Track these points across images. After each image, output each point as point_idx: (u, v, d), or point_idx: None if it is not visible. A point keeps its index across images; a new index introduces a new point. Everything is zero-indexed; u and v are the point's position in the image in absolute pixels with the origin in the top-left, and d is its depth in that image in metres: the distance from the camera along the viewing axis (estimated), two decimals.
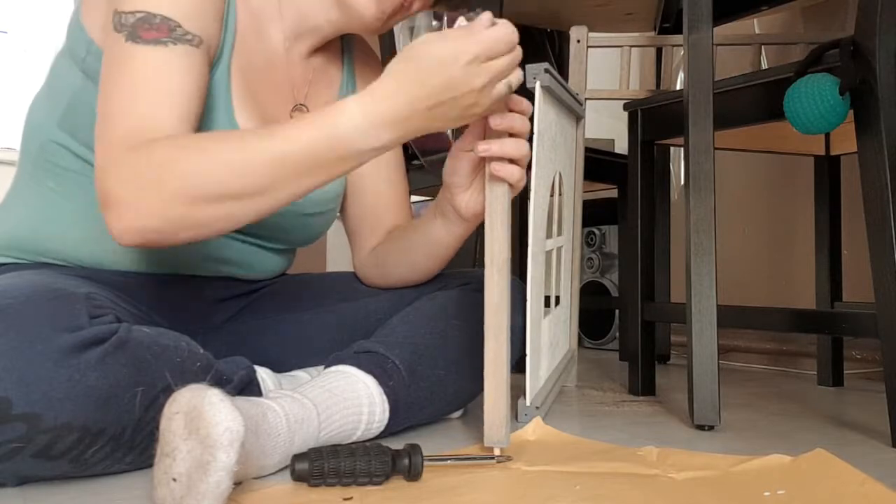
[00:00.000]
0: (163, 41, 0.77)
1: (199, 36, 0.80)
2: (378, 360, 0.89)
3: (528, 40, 1.94)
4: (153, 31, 0.77)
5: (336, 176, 0.77)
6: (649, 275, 1.37)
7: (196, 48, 0.80)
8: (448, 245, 0.98)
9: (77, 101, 0.88)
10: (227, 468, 0.58)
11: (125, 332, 0.71)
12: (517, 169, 0.83)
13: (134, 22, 0.77)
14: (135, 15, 0.77)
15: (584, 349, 2.24)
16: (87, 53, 0.87)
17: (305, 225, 1.02)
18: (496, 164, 0.82)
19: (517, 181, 0.83)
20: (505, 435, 0.82)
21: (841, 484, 0.71)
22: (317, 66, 1.01)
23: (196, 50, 0.80)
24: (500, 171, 0.82)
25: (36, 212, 0.92)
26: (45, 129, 0.91)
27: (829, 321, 1.14)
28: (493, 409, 0.82)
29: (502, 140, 0.82)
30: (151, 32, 0.77)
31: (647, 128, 1.36)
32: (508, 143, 0.81)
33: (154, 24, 0.77)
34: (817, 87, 1.03)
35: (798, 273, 1.85)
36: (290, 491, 0.69)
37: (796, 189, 1.86)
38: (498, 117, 0.81)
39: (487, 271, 0.83)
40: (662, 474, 0.76)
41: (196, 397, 0.61)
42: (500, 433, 0.82)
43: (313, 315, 1.06)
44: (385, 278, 1.07)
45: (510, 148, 0.81)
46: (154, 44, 0.77)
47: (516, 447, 0.86)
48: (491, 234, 0.84)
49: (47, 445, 0.66)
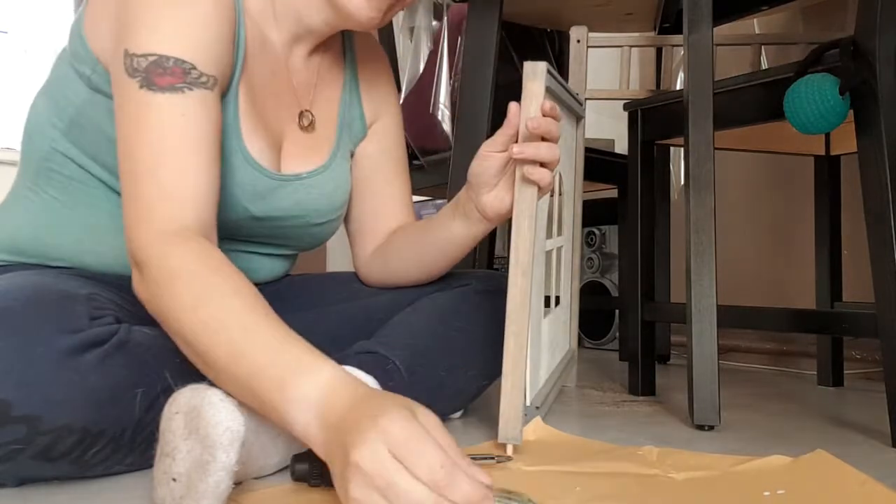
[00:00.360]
0: (178, 87, 0.75)
1: (213, 76, 0.79)
2: (378, 360, 0.89)
3: (528, 40, 1.94)
4: (167, 76, 0.75)
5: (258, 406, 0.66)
6: (649, 275, 1.37)
7: (211, 90, 0.78)
8: (464, 245, 0.98)
9: (83, 114, 0.87)
10: (227, 468, 0.58)
11: (125, 333, 0.71)
12: (547, 173, 0.85)
13: (147, 66, 0.75)
14: (147, 59, 0.75)
15: (584, 349, 2.24)
16: (92, 72, 0.85)
17: (312, 234, 1.02)
18: (529, 168, 0.84)
19: (547, 185, 0.85)
20: (519, 433, 0.83)
21: (841, 484, 0.71)
22: (319, 68, 1.00)
23: (211, 93, 0.78)
24: (533, 174, 0.84)
25: (37, 219, 0.91)
26: (48, 136, 0.90)
27: (829, 321, 1.14)
28: (510, 406, 0.84)
29: (537, 144, 0.83)
30: (166, 78, 0.75)
31: (647, 128, 1.36)
32: (543, 146, 0.83)
33: (168, 69, 0.75)
34: (817, 87, 1.03)
35: (798, 273, 1.85)
36: (290, 491, 0.69)
37: (796, 189, 1.86)
38: (535, 120, 0.83)
39: (511, 272, 0.85)
40: (662, 474, 0.76)
41: (196, 397, 0.61)
42: (515, 430, 0.83)
43: (313, 315, 1.06)
44: (389, 278, 1.06)
45: (544, 152, 0.83)
46: (170, 91, 0.75)
47: (516, 447, 0.85)
48: (517, 236, 0.86)
49: (48, 447, 0.66)
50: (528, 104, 0.86)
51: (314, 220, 0.99)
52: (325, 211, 1.00)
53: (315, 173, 0.97)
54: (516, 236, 0.86)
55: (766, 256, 1.94)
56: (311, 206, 0.97)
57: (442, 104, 1.86)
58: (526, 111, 0.85)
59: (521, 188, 0.86)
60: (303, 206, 0.96)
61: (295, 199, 0.95)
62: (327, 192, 0.99)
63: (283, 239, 0.99)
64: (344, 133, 1.02)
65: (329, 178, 0.99)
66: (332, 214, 1.02)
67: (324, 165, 0.98)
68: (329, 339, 1.04)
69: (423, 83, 1.92)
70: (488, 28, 1.37)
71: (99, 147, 0.87)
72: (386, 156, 1.08)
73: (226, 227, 0.90)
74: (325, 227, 1.03)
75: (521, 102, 0.86)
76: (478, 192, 0.91)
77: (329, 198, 1.00)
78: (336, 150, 1.01)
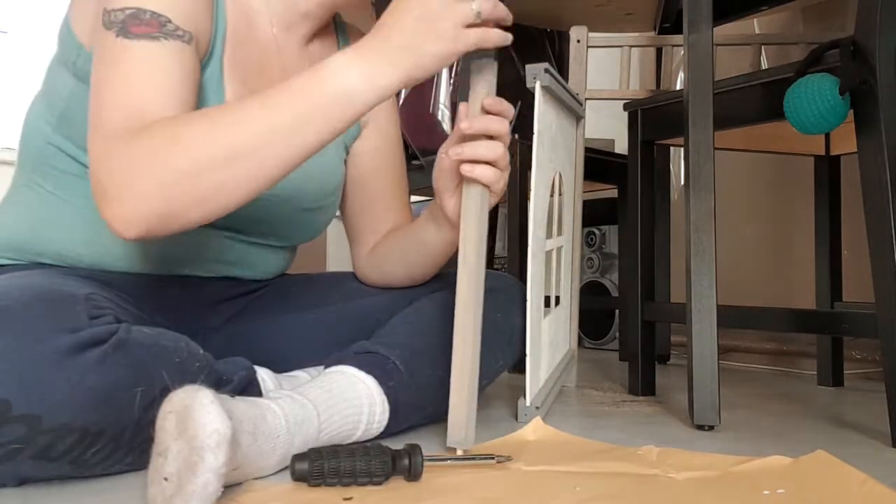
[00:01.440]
0: (154, 36, 0.77)
1: (189, 32, 0.80)
2: (378, 360, 0.89)
3: (528, 40, 1.94)
4: (143, 26, 0.76)
5: (336, 124, 0.75)
6: (649, 275, 1.37)
7: (187, 44, 0.79)
8: (440, 249, 0.99)
9: (71, 104, 0.88)
10: (215, 470, 0.58)
11: (124, 333, 0.71)
12: (490, 170, 0.84)
13: (124, 18, 0.76)
14: (124, 11, 0.77)
15: (584, 349, 2.24)
16: (77, 57, 0.87)
17: (305, 220, 1.02)
18: (466, 166, 0.84)
19: (492, 182, 0.85)
20: (467, 436, 0.81)
21: (841, 484, 0.71)
22: (313, 57, 1.01)
23: (187, 46, 0.79)
24: (469, 172, 0.84)
25: (34, 214, 0.92)
26: (42, 132, 0.92)
27: (829, 321, 1.14)
28: (456, 409, 0.81)
29: (475, 143, 0.83)
30: (142, 28, 0.76)
31: (647, 128, 1.36)
32: (481, 145, 0.83)
33: (144, 20, 0.77)
34: (817, 87, 1.03)
35: (798, 273, 1.85)
36: (290, 491, 0.69)
37: (796, 189, 1.86)
38: (467, 121, 0.83)
39: (459, 272, 0.84)
40: (662, 474, 0.76)
41: (188, 398, 0.61)
42: (461, 434, 0.80)
43: (313, 315, 1.06)
44: (384, 278, 1.07)
45: (483, 150, 0.83)
46: (146, 38, 0.76)
47: (516, 447, 0.85)
48: (464, 237, 0.85)
49: (47, 446, 0.66)
50: (473, 103, 0.85)
51: (305, 203, 1.00)
52: (314, 195, 1.00)
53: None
54: (463, 237, 0.85)
55: (766, 256, 1.94)
56: (301, 187, 0.98)
57: (442, 104, 1.86)
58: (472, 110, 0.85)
59: (466, 188, 0.86)
60: (292, 185, 0.97)
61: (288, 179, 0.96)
62: (316, 177, 0.99)
63: (275, 226, 1.00)
64: None
65: (319, 163, 1.00)
66: (322, 200, 1.02)
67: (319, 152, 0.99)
68: (329, 339, 1.04)
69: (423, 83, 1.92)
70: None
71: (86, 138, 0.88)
72: (381, 153, 1.08)
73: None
74: (317, 216, 1.03)
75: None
76: (441, 198, 0.91)
77: (319, 182, 1.00)
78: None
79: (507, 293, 1.06)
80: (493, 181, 0.84)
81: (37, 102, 0.94)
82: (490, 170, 0.84)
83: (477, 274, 0.84)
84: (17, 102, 2.34)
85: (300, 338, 1.05)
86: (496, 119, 0.84)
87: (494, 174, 0.84)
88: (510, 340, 1.04)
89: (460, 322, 0.83)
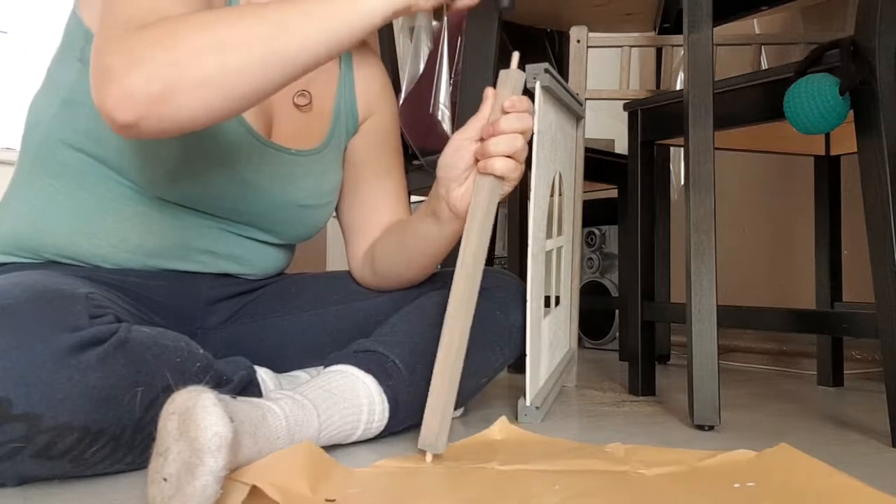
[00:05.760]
0: None
1: None
2: (378, 359, 0.89)
3: (528, 40, 1.94)
4: None
5: (340, 30, 0.77)
6: (649, 275, 1.37)
7: None
8: (441, 244, 0.97)
9: (75, 89, 0.89)
10: (214, 473, 0.58)
11: (125, 332, 0.71)
12: (508, 162, 0.84)
13: None
14: None
15: (584, 349, 2.24)
16: (84, 42, 0.87)
17: (302, 217, 1.02)
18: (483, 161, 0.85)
19: (508, 172, 0.85)
20: (438, 441, 0.77)
21: (809, 476, 0.72)
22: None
23: None
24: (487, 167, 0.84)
25: (34, 207, 0.93)
26: (42, 125, 0.92)
27: (829, 321, 1.14)
28: (432, 413, 0.78)
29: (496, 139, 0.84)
30: None
31: (647, 128, 1.36)
32: (501, 141, 0.84)
33: None
34: (817, 87, 1.03)
35: (798, 273, 1.85)
36: None
37: (796, 189, 1.86)
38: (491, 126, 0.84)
39: (456, 273, 0.83)
40: (632, 470, 0.76)
41: (191, 399, 0.61)
42: (432, 438, 0.77)
43: (313, 315, 1.06)
44: (380, 277, 1.05)
45: (504, 147, 0.84)
46: None
47: (486, 447, 0.84)
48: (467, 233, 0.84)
49: (47, 445, 0.66)
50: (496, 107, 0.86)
51: (301, 199, 1.00)
52: (311, 192, 1.00)
53: (304, 154, 0.99)
54: (466, 233, 0.83)
55: (766, 256, 1.94)
56: (298, 183, 0.98)
57: (442, 104, 1.86)
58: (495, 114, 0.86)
59: (480, 179, 0.85)
60: (288, 179, 0.96)
61: (282, 172, 0.96)
62: (315, 174, 1.00)
63: (272, 222, 1.00)
64: (339, 124, 1.03)
65: (318, 161, 0.99)
66: (319, 199, 1.02)
67: (315, 150, 1.00)
68: (328, 339, 1.04)
69: (423, 83, 1.92)
70: (488, 28, 1.38)
71: (90, 120, 0.88)
72: (379, 151, 1.08)
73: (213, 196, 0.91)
74: (313, 213, 1.03)
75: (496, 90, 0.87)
76: (447, 188, 0.89)
77: (316, 179, 1.00)
78: (330, 139, 1.02)
79: (507, 290, 1.06)
80: (510, 171, 0.84)
81: (38, 97, 0.95)
82: (508, 161, 0.84)
83: (472, 278, 0.83)
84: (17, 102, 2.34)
85: (300, 338, 1.05)
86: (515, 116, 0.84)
87: (512, 165, 0.84)
88: (510, 337, 1.04)
89: (449, 328, 0.81)
